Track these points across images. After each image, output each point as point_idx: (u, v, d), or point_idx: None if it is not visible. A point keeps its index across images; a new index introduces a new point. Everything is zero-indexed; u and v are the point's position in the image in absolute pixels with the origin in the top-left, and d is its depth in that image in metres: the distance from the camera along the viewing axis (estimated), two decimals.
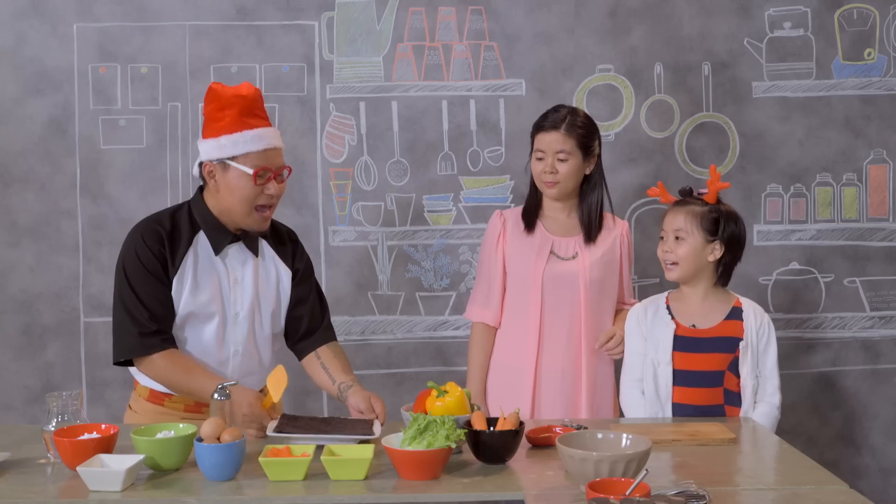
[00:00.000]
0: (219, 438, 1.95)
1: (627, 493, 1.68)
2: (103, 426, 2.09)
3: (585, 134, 2.78)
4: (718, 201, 2.63)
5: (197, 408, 2.45)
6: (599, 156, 2.86)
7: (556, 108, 2.83)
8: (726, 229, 2.58)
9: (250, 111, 2.36)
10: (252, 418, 2.25)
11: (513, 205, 3.42)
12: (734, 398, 2.55)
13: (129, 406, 2.56)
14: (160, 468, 2.00)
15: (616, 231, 2.88)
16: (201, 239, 2.42)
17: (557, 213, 2.87)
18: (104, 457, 1.96)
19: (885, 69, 3.50)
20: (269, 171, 2.35)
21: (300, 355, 2.58)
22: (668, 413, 2.55)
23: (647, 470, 1.74)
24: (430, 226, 3.48)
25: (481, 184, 3.48)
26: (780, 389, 2.57)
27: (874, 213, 3.53)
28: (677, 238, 2.58)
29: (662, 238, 2.64)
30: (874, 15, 3.49)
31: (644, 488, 1.70)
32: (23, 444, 2.20)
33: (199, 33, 3.42)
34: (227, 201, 2.38)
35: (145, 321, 2.34)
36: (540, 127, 2.81)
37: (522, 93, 3.47)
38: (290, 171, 2.45)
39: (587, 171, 2.83)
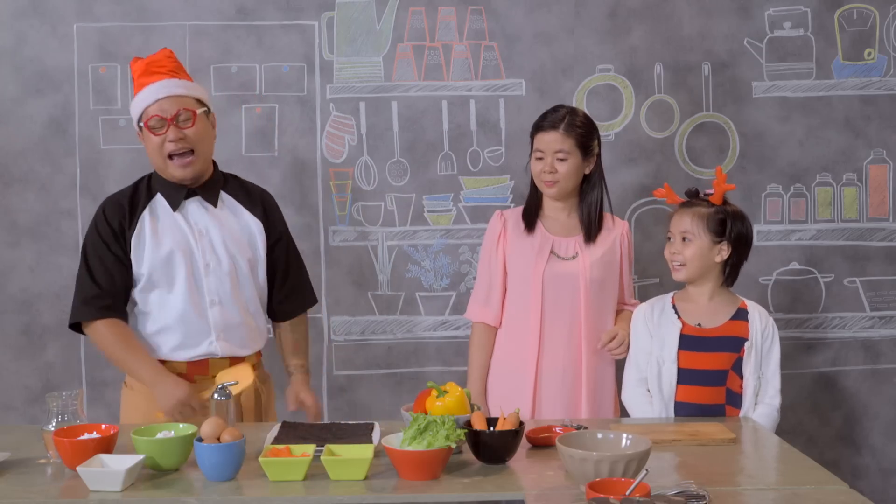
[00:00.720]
0: (219, 438, 1.95)
1: (627, 493, 1.68)
2: (103, 426, 2.09)
3: (584, 133, 2.78)
4: (725, 202, 2.63)
5: (189, 374, 2.53)
6: (599, 155, 2.87)
7: (556, 109, 2.84)
8: (733, 230, 2.58)
9: (147, 71, 2.50)
10: (184, 405, 2.41)
11: (513, 205, 3.42)
12: (737, 399, 2.55)
13: (125, 383, 2.62)
14: (160, 468, 2.00)
15: (616, 231, 2.88)
16: (159, 200, 2.55)
17: (558, 213, 2.87)
18: (104, 457, 1.96)
19: (885, 69, 3.50)
20: (162, 119, 2.46)
21: (272, 317, 2.76)
22: (671, 411, 2.55)
23: (647, 470, 1.74)
24: (430, 226, 3.48)
25: (481, 184, 3.48)
26: (781, 392, 2.58)
27: (874, 213, 3.53)
28: (684, 239, 2.58)
29: (670, 239, 2.64)
30: (874, 15, 3.49)
31: (644, 488, 1.70)
32: (23, 444, 2.20)
33: (199, 33, 3.42)
34: (151, 160, 2.54)
35: (89, 289, 2.50)
36: (539, 127, 2.82)
37: (522, 93, 3.47)
38: (194, 113, 2.50)
39: (587, 171, 2.83)
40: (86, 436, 2.05)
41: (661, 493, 1.75)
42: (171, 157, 2.48)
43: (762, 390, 2.55)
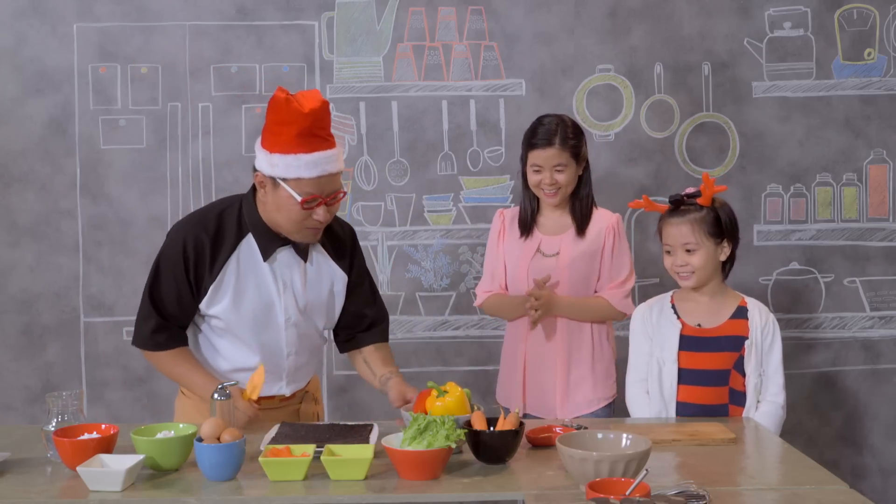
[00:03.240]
0: (219, 438, 1.95)
1: (627, 493, 1.68)
2: (103, 426, 2.09)
3: (576, 143, 2.82)
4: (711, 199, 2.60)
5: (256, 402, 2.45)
6: (587, 156, 2.88)
7: (542, 121, 2.83)
8: (727, 223, 2.56)
9: (310, 131, 2.22)
10: (244, 411, 2.27)
11: (513, 205, 3.42)
12: (740, 398, 2.54)
13: (181, 391, 2.55)
14: (160, 468, 2.00)
15: (604, 224, 2.88)
16: (248, 243, 2.36)
17: (551, 214, 2.90)
18: (104, 457, 1.96)
19: (885, 69, 3.50)
20: (319, 198, 2.25)
21: (344, 348, 2.58)
22: (672, 412, 2.55)
23: (647, 470, 1.74)
24: (430, 226, 3.48)
25: (481, 184, 3.48)
26: (785, 389, 2.56)
27: (874, 213, 3.53)
28: (688, 251, 2.55)
29: (669, 252, 2.60)
30: (874, 15, 3.49)
31: (644, 488, 1.70)
32: (23, 444, 2.20)
33: (199, 33, 3.42)
34: (275, 217, 2.31)
35: (156, 320, 2.36)
36: (533, 144, 2.81)
37: (522, 93, 3.47)
38: (345, 194, 2.36)
39: (579, 173, 2.85)
40: (86, 436, 2.04)
41: (661, 493, 1.75)
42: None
43: (764, 387, 2.54)
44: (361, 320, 2.54)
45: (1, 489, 1.91)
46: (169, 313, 2.37)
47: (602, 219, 2.89)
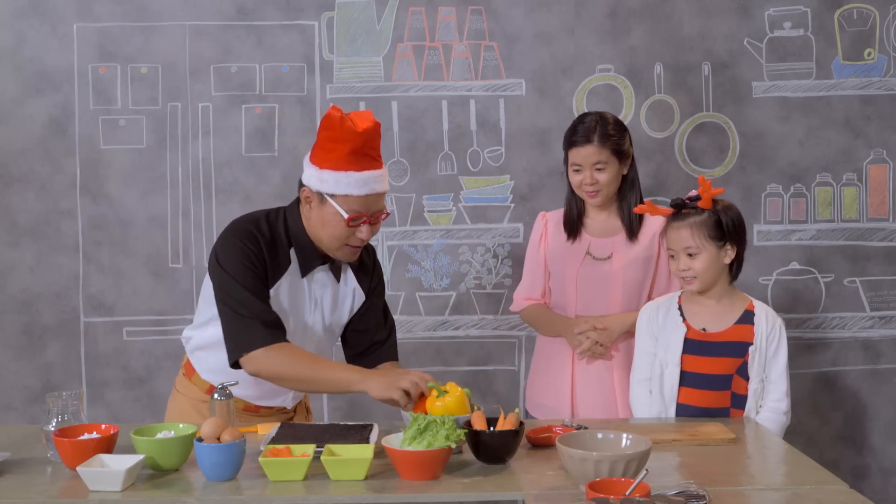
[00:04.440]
0: (219, 438, 1.95)
1: (627, 493, 1.68)
2: (103, 426, 2.09)
3: (618, 140, 2.74)
4: (713, 201, 2.60)
5: (256, 408, 2.46)
6: (632, 154, 2.84)
7: (583, 119, 2.79)
8: (730, 226, 2.55)
9: (362, 150, 2.26)
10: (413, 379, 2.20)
11: (513, 205, 3.43)
12: (742, 401, 2.53)
13: (176, 389, 2.53)
14: (160, 468, 2.00)
15: (655, 228, 2.83)
16: (293, 257, 2.38)
17: (598, 215, 2.85)
18: (104, 457, 1.96)
19: (885, 69, 3.50)
20: (364, 216, 2.29)
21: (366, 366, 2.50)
22: (673, 413, 2.54)
23: (647, 470, 1.74)
24: (430, 226, 3.48)
25: (481, 184, 3.48)
26: (789, 395, 2.55)
27: (874, 213, 3.53)
28: (690, 255, 2.54)
29: (673, 257, 2.59)
30: (874, 15, 3.49)
31: (644, 488, 1.70)
32: (23, 444, 2.20)
33: (199, 33, 3.42)
34: (318, 232, 2.33)
35: (264, 312, 2.28)
36: (573, 142, 2.77)
37: (522, 93, 3.47)
38: (388, 215, 2.39)
39: (624, 172, 2.80)
40: (86, 436, 2.05)
41: (661, 493, 1.75)
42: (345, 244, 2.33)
43: (766, 393, 2.53)
44: (370, 338, 2.52)
45: (1, 489, 1.91)
46: (264, 304, 2.28)
47: (654, 223, 2.81)
